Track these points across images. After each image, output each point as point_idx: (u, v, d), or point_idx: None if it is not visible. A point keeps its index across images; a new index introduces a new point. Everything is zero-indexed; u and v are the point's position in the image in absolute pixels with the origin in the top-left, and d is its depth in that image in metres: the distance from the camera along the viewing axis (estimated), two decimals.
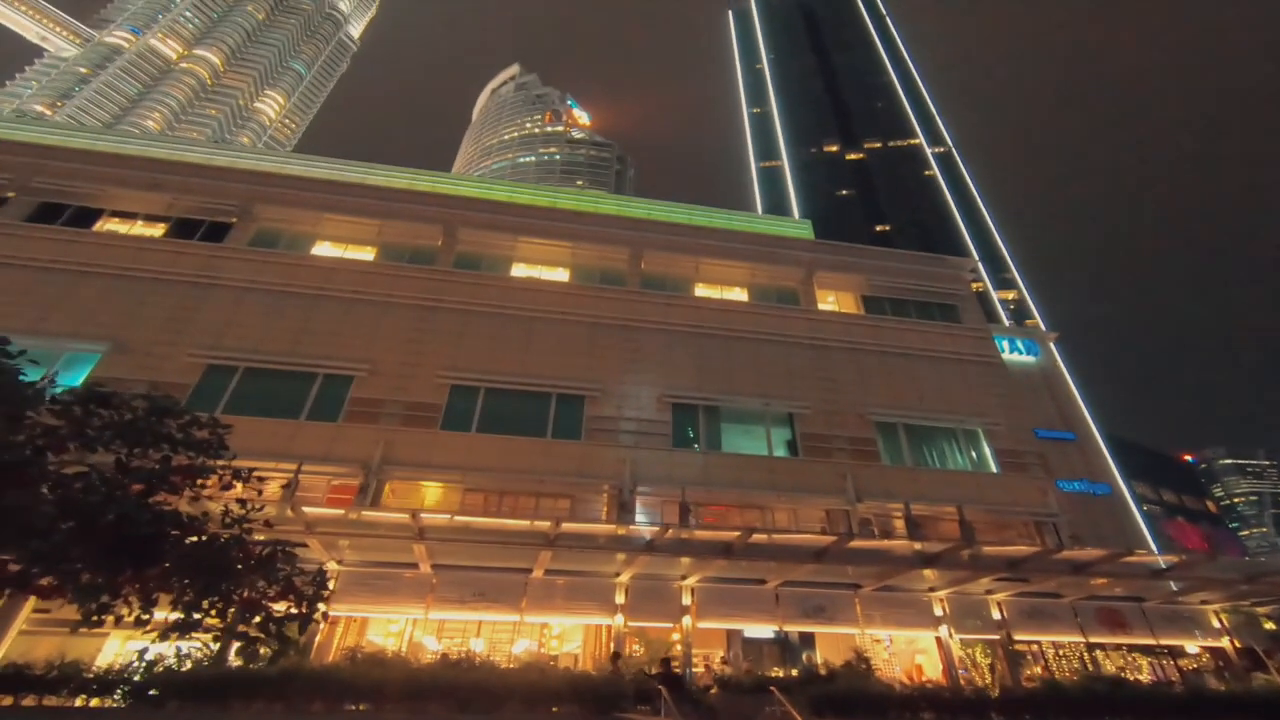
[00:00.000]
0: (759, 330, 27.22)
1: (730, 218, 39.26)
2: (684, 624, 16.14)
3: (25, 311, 19.21)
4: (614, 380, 23.45)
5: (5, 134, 26.55)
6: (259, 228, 25.39)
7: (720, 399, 23.94)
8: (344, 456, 17.80)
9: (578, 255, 29.22)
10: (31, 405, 11.59)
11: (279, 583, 12.41)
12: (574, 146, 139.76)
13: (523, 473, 18.99)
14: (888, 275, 31.80)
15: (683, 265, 30.06)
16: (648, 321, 26.28)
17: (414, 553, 14.77)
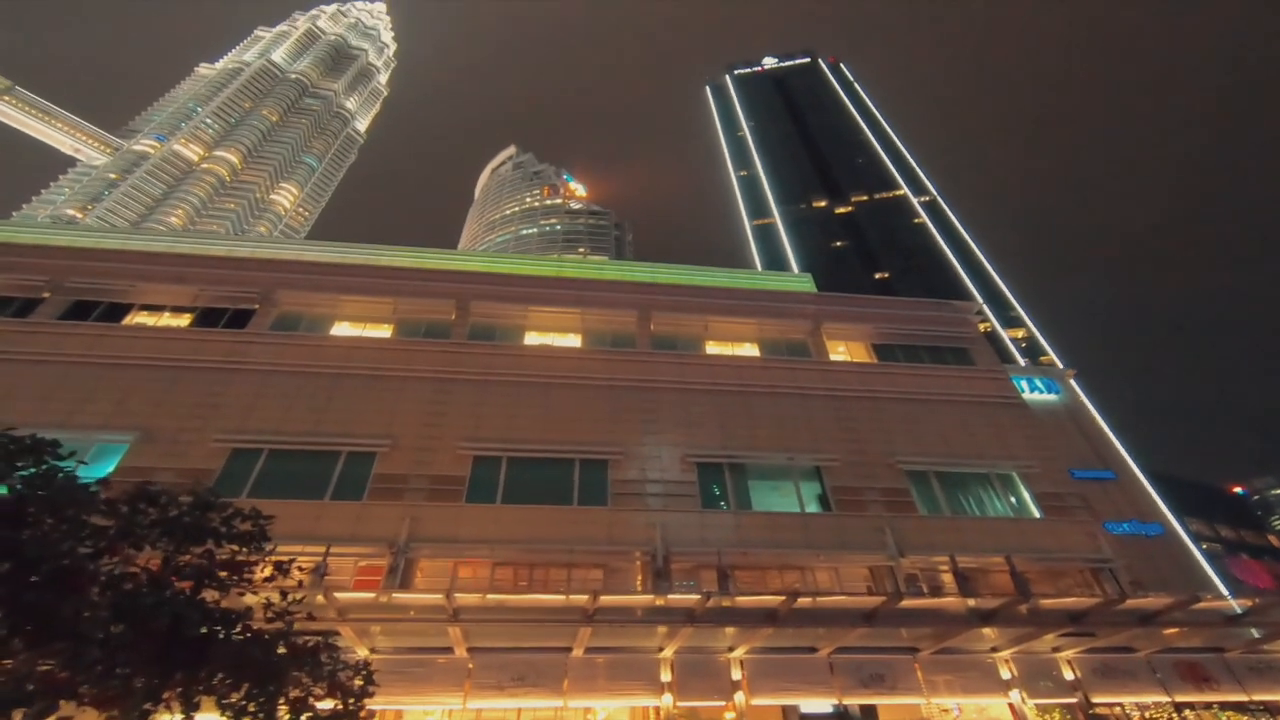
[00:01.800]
0: (775, 384, 27.11)
1: (733, 276, 39.93)
2: (736, 701, 15.18)
3: (57, 406, 19.40)
4: (635, 442, 23.19)
5: (41, 239, 27.64)
6: (280, 312, 25.93)
7: (744, 456, 23.55)
8: (371, 536, 17.39)
9: (587, 320, 29.58)
10: (86, 508, 11.50)
11: (324, 679, 11.99)
12: (573, 217, 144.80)
13: (552, 543, 18.45)
14: (894, 323, 31.93)
15: (691, 324, 30.34)
16: (663, 382, 26.26)
17: (448, 636, 14.13)
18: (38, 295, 23.84)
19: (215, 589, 12.01)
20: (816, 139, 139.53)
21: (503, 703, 14.51)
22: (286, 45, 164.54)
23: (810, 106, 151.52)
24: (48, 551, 10.75)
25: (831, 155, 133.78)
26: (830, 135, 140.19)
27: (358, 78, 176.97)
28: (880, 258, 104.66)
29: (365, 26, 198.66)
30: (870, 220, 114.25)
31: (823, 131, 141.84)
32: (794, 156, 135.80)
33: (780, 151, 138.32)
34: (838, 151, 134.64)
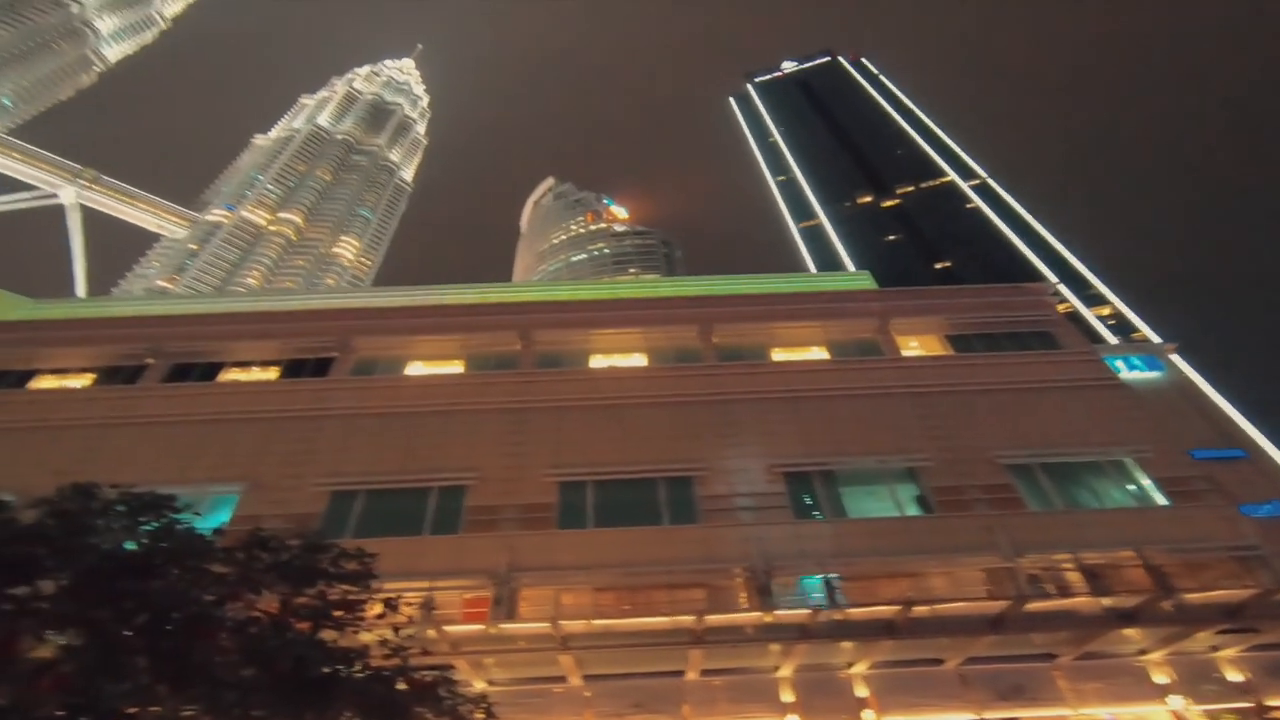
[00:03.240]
0: (850, 386, 26.35)
1: (789, 280, 39.40)
2: (864, 718, 14.46)
3: (170, 463, 20.69)
4: (717, 457, 22.85)
5: (140, 310, 29.95)
6: (357, 358, 27.01)
7: (831, 462, 22.86)
8: (471, 568, 17.59)
9: (649, 339, 29.59)
10: (206, 558, 12.11)
11: (446, 713, 12.11)
12: (619, 239, 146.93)
13: (648, 565, 18.18)
14: (966, 312, 30.64)
15: (754, 333, 29.96)
16: (736, 393, 25.90)
17: (560, 664, 14.04)
18: (142, 362, 25.66)
19: (332, 629, 12.36)
20: (850, 136, 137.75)
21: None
22: (329, 109, 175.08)
23: (838, 104, 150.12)
24: (177, 600, 11.33)
25: (868, 150, 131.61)
26: (864, 130, 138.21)
27: (398, 131, 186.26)
28: (939, 247, 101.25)
29: (397, 83, 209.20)
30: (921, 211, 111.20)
31: (855, 127, 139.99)
32: (830, 156, 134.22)
33: (815, 153, 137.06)
34: (874, 145, 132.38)
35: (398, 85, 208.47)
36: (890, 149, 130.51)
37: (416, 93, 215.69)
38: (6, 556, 11.11)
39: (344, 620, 12.45)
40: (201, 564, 12.06)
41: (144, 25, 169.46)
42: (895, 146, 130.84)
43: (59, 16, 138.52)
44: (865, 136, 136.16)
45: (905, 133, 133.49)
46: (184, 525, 12.41)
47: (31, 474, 19.37)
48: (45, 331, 26.75)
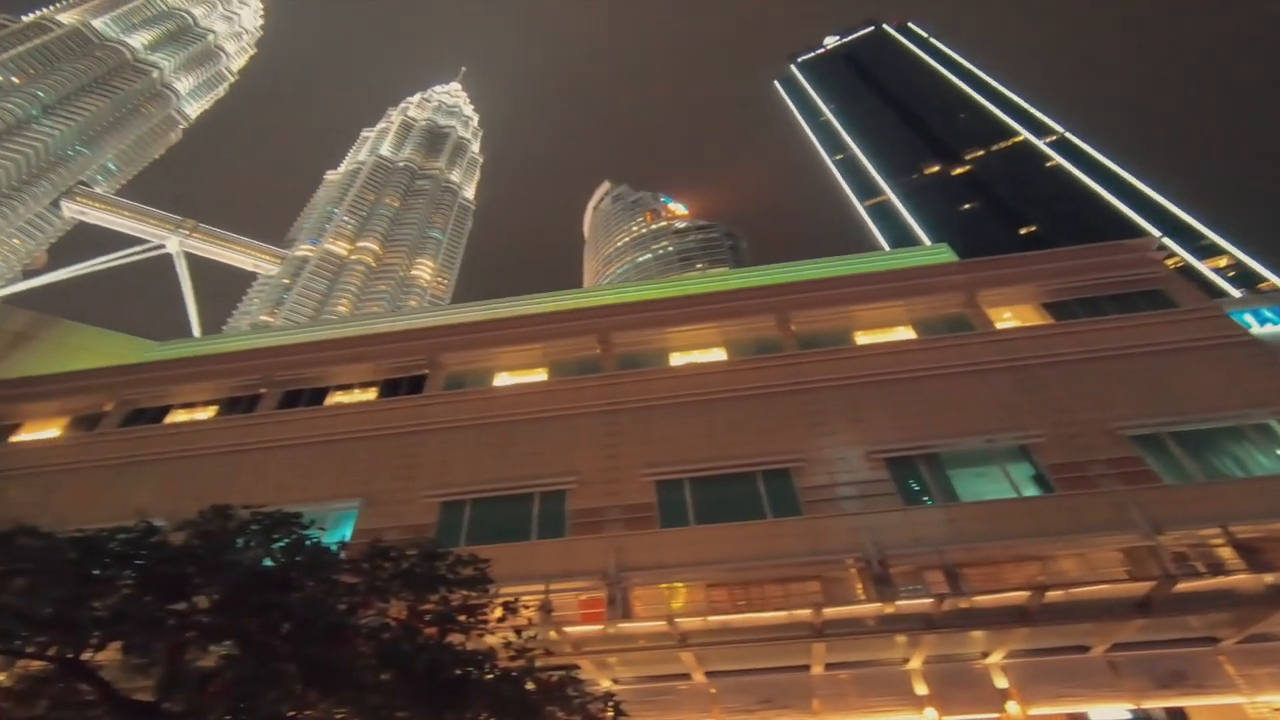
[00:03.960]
0: (943, 364, 25.20)
1: (863, 261, 38.03)
2: (1010, 711, 13.78)
3: (292, 483, 22.26)
4: (813, 447, 22.37)
5: (249, 344, 32.30)
6: (447, 373, 28.13)
7: (935, 444, 21.91)
8: (582, 570, 18.00)
9: (726, 332, 29.31)
10: (335, 569, 12.91)
11: (576, 712, 12.40)
12: (681, 236, 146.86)
13: (756, 560, 18.03)
14: (1061, 277, 28.68)
15: (833, 318, 29.14)
16: (822, 380, 25.27)
17: (682, 662, 14.09)
18: (257, 392, 27.73)
19: (458, 632, 12.89)
20: (907, 105, 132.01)
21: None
22: (389, 139, 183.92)
23: (889, 74, 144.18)
24: (315, 610, 12.10)
25: (929, 118, 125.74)
26: (921, 98, 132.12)
27: (454, 152, 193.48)
28: (1020, 212, 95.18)
29: (447, 107, 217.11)
30: (995, 175, 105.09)
31: (911, 96, 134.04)
32: (888, 128, 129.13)
33: (872, 127, 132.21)
34: (934, 112, 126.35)
35: (448, 109, 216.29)
36: (952, 114, 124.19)
37: (466, 113, 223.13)
38: (164, 576, 12.21)
39: (468, 624, 13.00)
40: (332, 575, 12.89)
41: (216, 81, 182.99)
42: (957, 111, 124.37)
43: (143, 83, 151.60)
44: (923, 104, 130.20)
45: (966, 95, 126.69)
46: (312, 540, 13.30)
47: (176, 500, 21.29)
48: (173, 370, 29.33)
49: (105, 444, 26.11)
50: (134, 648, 11.33)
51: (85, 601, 11.40)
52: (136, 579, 11.87)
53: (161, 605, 11.43)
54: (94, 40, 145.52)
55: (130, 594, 11.56)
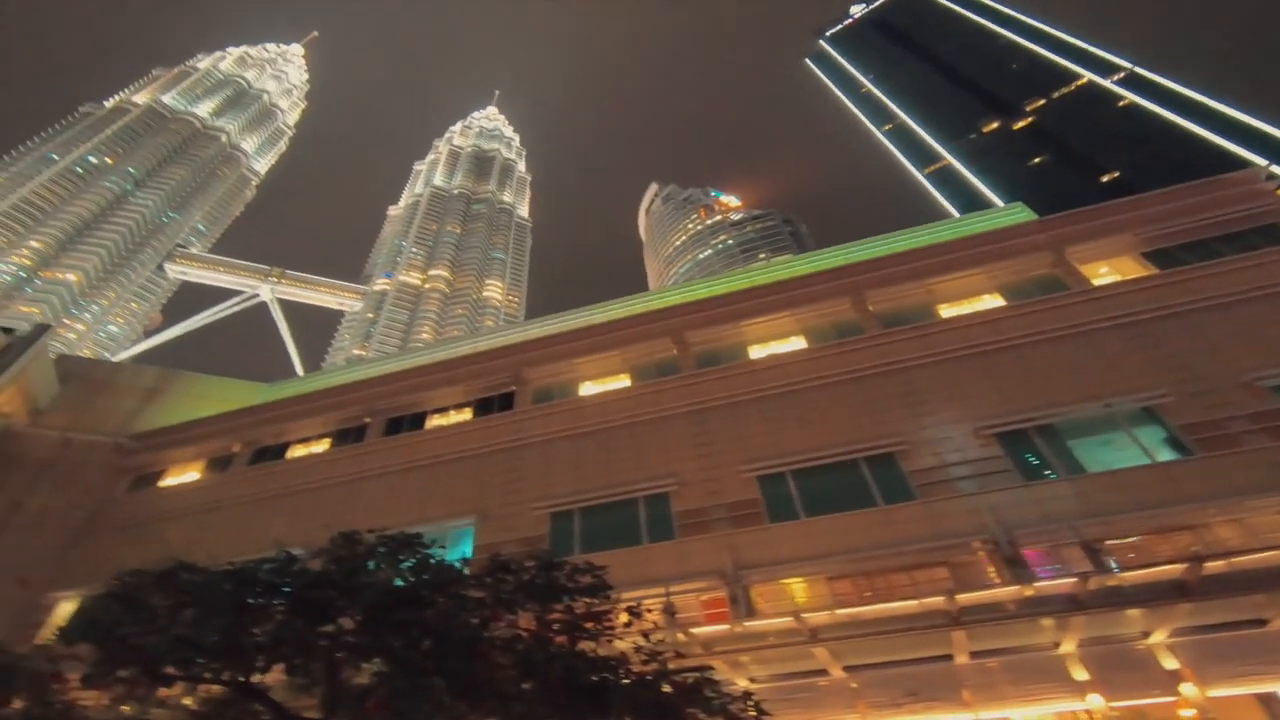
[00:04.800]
0: (1041, 329, 23.69)
1: (933, 231, 36.27)
2: (1187, 694, 12.70)
3: (409, 505, 23.28)
4: (914, 428, 21.44)
5: (349, 377, 34.07)
6: (534, 388, 28.71)
7: (1047, 415, 20.56)
8: (697, 570, 17.94)
9: (802, 320, 28.60)
10: (461, 585, 13.30)
11: (718, 713, 12.27)
12: (739, 228, 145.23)
13: (874, 549, 17.42)
14: (1159, 222, 26.42)
15: (912, 292, 27.94)
16: (911, 359, 24.22)
17: (816, 657, 13.73)
18: (362, 422, 29.18)
19: (588, 639, 12.99)
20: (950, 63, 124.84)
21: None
22: (440, 169, 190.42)
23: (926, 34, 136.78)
24: (449, 625, 12.46)
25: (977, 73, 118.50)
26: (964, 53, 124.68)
27: (503, 173, 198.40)
28: (1098, 158, 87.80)
29: (488, 130, 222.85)
30: (1062, 124, 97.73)
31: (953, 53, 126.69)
32: (935, 90, 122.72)
33: (917, 91, 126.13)
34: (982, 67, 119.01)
35: (489, 133, 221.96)
36: (1001, 65, 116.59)
37: (507, 135, 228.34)
38: (310, 600, 12.87)
39: (595, 631, 13.10)
40: (460, 591, 13.27)
41: (277, 137, 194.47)
42: (1007, 61, 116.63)
43: (215, 148, 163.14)
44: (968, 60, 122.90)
45: (1014, 44, 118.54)
46: (436, 559, 13.77)
47: (307, 529, 22.58)
48: (285, 409, 31.28)
49: (239, 482, 28.17)
50: (294, 669, 12.08)
51: (246, 629, 12.23)
52: (286, 605, 12.66)
53: (312, 628, 12.13)
54: (167, 115, 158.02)
55: (283, 619, 12.33)
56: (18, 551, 26.76)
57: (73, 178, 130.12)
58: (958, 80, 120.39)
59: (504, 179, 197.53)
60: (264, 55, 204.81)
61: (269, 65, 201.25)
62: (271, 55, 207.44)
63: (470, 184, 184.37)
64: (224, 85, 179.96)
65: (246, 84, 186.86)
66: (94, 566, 23.73)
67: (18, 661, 14.60)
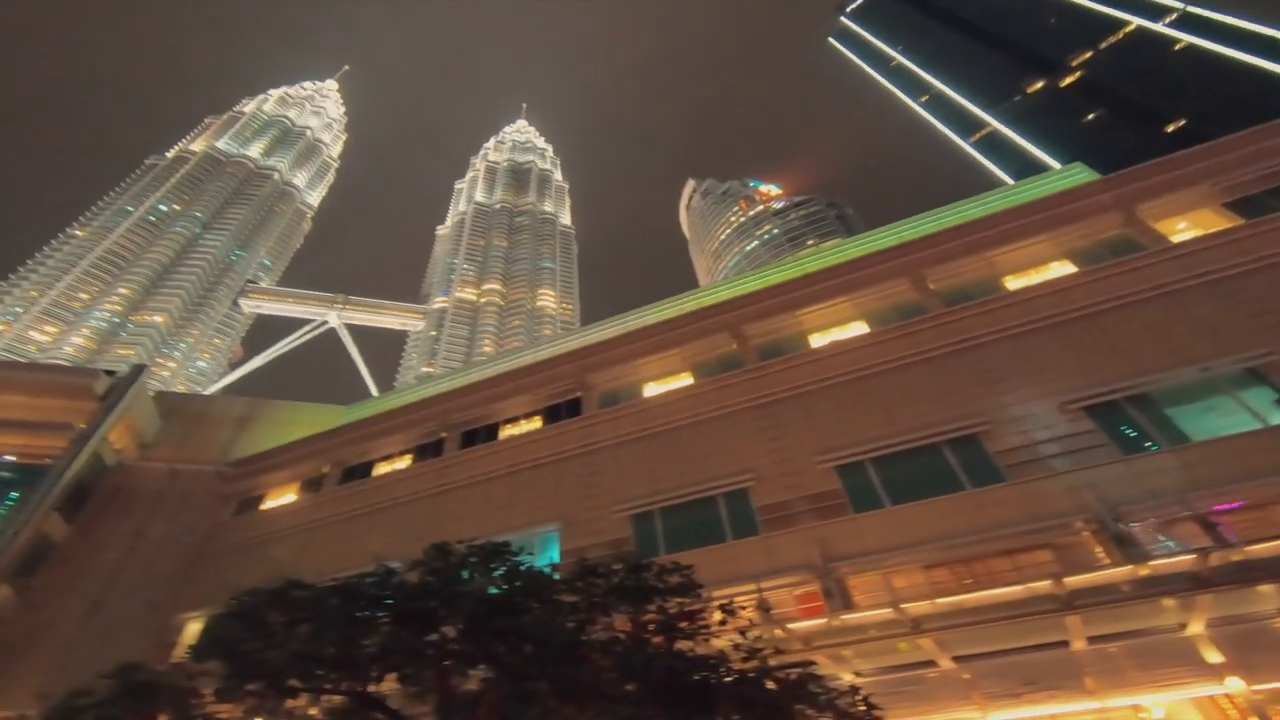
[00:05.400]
0: (1122, 293, 22.35)
1: (987, 201, 34.56)
2: None
3: (493, 515, 23.88)
4: (995, 407, 20.52)
5: (421, 395, 35.11)
6: (599, 392, 28.90)
7: (1140, 383, 19.34)
8: (787, 565, 17.67)
9: (860, 304, 27.84)
10: (554, 590, 13.44)
11: (826, 708, 12.02)
12: (783, 217, 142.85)
13: (969, 534, 16.73)
14: (1239, 168, 24.53)
15: (974, 267, 26.81)
16: (982, 335, 23.24)
17: (922, 649, 13.28)
18: (439, 436, 30.01)
19: (684, 639, 12.90)
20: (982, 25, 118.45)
21: (1028, 710, 13.12)
22: (479, 185, 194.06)
23: None
24: (546, 630, 12.57)
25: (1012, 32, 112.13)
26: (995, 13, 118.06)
27: (541, 184, 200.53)
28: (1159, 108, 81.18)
29: (521, 144, 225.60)
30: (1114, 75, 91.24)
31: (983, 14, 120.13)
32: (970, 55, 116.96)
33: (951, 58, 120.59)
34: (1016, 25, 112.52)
35: (522, 146, 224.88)
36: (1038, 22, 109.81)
37: (540, 146, 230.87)
38: (412, 611, 13.22)
39: (690, 630, 13.01)
40: (553, 596, 13.41)
41: (324, 169, 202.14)
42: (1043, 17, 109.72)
43: (270, 186, 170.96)
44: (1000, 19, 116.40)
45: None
46: (525, 566, 13.96)
47: (401, 542, 23.43)
48: (366, 429, 32.48)
49: (332, 501, 29.47)
50: (406, 678, 12.47)
51: (357, 641, 12.69)
52: (391, 617, 13.08)
53: (418, 638, 12.49)
54: (222, 159, 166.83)
55: (390, 630, 12.74)
56: (145, 577, 28.80)
57: (147, 226, 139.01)
58: (992, 42, 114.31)
59: (542, 189, 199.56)
60: (302, 94, 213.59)
61: (308, 103, 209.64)
62: (309, 93, 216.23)
63: (511, 197, 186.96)
64: (270, 126, 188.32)
65: (290, 122, 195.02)
66: (213, 587, 25.27)
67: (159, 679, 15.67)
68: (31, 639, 26.23)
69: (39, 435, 31.39)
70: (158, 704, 15.16)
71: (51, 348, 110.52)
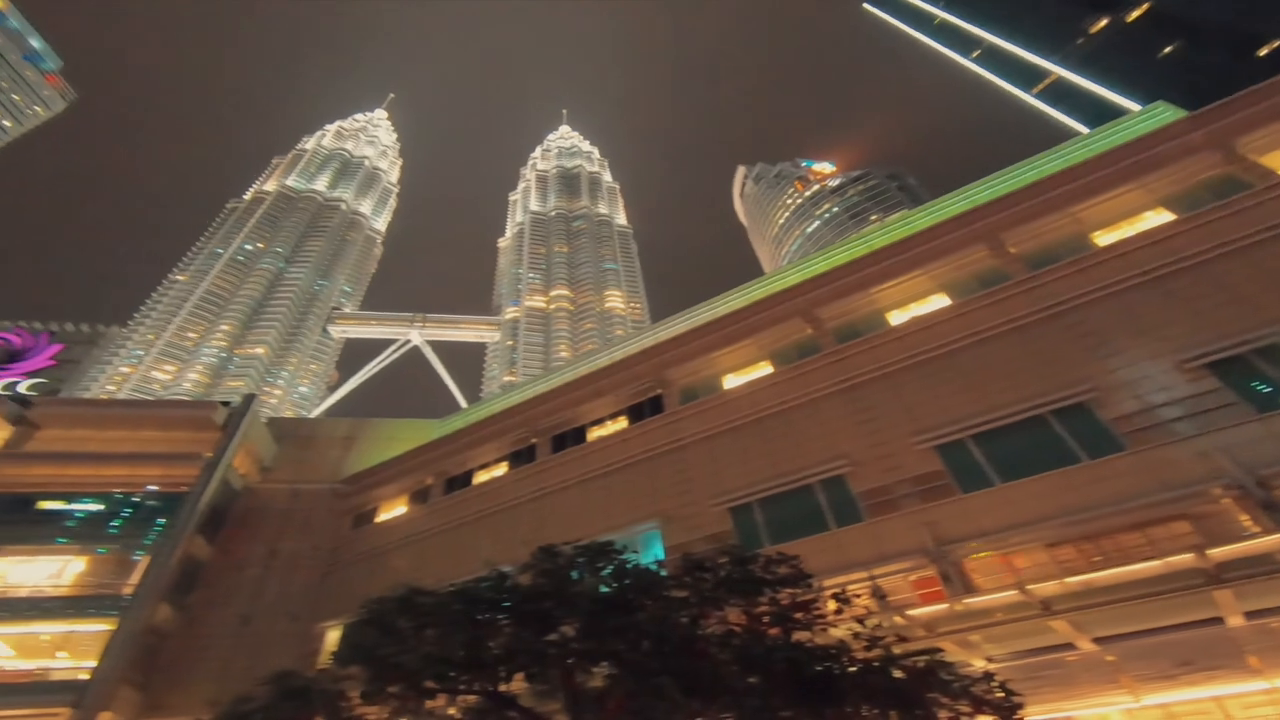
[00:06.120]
0: (1234, 238, 20.50)
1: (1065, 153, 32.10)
2: None
3: (593, 516, 24.43)
4: (1101, 373, 19.13)
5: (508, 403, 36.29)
6: (679, 387, 28.92)
7: (1269, 333, 17.51)
8: (898, 551, 17.18)
9: (936, 276, 26.62)
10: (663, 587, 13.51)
11: (960, 695, 11.60)
12: (841, 194, 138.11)
13: (1093, 509, 15.58)
14: None
15: (1058, 224, 25.17)
16: (1079, 297, 21.82)
17: (1057, 631, 12.61)
18: (530, 443, 30.89)
19: (800, 630, 12.68)
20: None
21: (1188, 692, 12.29)
22: (532, 194, 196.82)
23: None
24: (663, 626, 12.63)
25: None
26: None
27: (591, 186, 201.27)
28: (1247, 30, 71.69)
29: (565, 149, 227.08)
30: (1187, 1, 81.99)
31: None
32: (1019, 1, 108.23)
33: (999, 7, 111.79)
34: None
35: (568, 151, 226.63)
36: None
37: (585, 149, 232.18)
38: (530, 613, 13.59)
39: (805, 620, 12.78)
40: (663, 592, 13.46)
41: (386, 195, 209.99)
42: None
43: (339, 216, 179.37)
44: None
45: None
46: (632, 564, 14.06)
47: (508, 547, 24.45)
48: (461, 440, 33.91)
49: (440, 511, 30.93)
50: (532, 677, 12.83)
51: (482, 643, 13.17)
52: (510, 619, 13.52)
53: (539, 638, 12.85)
54: (294, 196, 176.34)
55: (511, 632, 13.17)
56: (284, 590, 31.19)
57: (237, 266, 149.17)
58: None
59: (594, 191, 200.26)
60: (355, 125, 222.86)
61: (361, 133, 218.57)
62: (361, 124, 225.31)
63: (564, 203, 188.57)
64: (330, 159, 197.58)
65: (348, 154, 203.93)
66: (344, 597, 27.16)
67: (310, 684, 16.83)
68: (195, 652, 28.91)
69: (174, 465, 33.85)
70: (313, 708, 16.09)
71: (173, 385, 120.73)
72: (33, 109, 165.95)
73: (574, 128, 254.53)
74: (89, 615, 27.77)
